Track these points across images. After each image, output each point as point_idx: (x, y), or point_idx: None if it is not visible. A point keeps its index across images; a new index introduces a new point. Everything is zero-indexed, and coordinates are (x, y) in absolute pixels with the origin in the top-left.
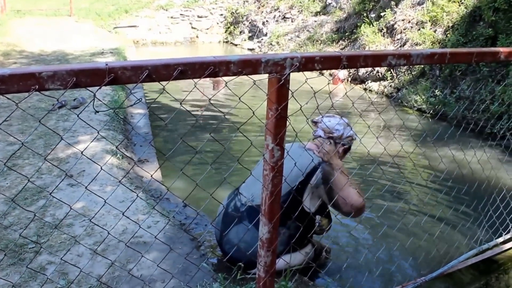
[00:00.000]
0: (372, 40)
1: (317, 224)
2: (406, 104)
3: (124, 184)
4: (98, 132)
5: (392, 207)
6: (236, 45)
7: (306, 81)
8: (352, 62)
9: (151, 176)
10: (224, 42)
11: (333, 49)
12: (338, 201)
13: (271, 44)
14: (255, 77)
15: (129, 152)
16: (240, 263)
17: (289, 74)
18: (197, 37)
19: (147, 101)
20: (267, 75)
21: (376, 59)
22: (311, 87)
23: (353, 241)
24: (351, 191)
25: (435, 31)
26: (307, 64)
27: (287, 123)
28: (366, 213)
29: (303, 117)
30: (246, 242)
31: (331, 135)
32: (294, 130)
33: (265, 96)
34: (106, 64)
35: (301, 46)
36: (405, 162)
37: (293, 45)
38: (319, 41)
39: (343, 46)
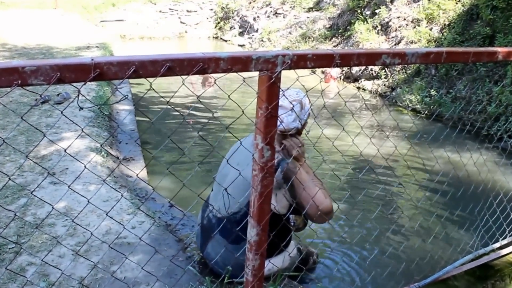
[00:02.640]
0: (366, 37)
1: (292, 224)
2: (401, 104)
3: (108, 183)
4: (82, 130)
5: (385, 210)
6: (226, 41)
7: (297, 79)
8: (345, 60)
9: (137, 175)
10: (213, 37)
11: (326, 47)
12: (303, 202)
13: (262, 40)
14: (245, 74)
15: (114, 150)
16: (228, 267)
17: (280, 72)
18: (186, 32)
19: (133, 97)
20: (257, 72)
21: (370, 58)
22: (303, 85)
23: (344, 245)
24: (316, 191)
25: (431, 29)
26: (299, 61)
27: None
28: (358, 217)
29: None
30: (222, 256)
31: (291, 132)
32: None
33: (256, 93)
34: (92, 59)
35: (293, 43)
36: (399, 164)
37: (285, 42)
38: (312, 38)
39: (336, 44)
